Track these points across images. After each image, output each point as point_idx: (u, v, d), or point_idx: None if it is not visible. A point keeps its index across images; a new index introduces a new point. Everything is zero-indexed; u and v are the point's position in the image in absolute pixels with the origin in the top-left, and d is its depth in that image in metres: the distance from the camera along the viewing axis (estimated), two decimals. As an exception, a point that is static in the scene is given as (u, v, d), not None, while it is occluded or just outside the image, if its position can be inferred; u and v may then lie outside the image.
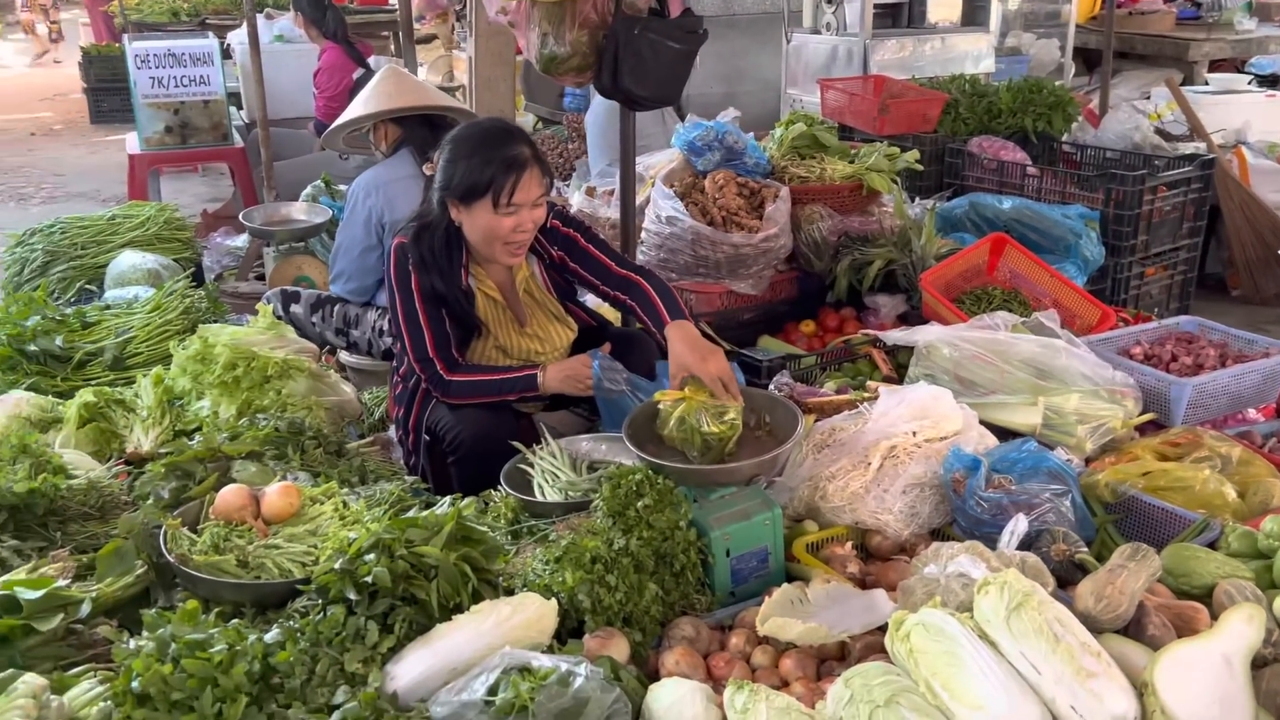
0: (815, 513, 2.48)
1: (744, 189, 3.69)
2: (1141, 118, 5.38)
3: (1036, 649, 1.66)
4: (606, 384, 2.66)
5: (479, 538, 2.01)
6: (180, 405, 2.93)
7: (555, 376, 2.72)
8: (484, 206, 2.59)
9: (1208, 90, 6.23)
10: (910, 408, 2.55)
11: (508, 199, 2.57)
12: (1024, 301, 3.40)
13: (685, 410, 2.35)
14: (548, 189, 2.68)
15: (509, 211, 2.59)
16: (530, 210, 2.63)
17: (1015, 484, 2.35)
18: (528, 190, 2.59)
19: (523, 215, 2.61)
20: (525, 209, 2.61)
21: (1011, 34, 7.11)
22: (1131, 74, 7.65)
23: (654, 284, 2.74)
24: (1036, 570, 1.98)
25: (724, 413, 2.34)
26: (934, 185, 4.46)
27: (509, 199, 2.57)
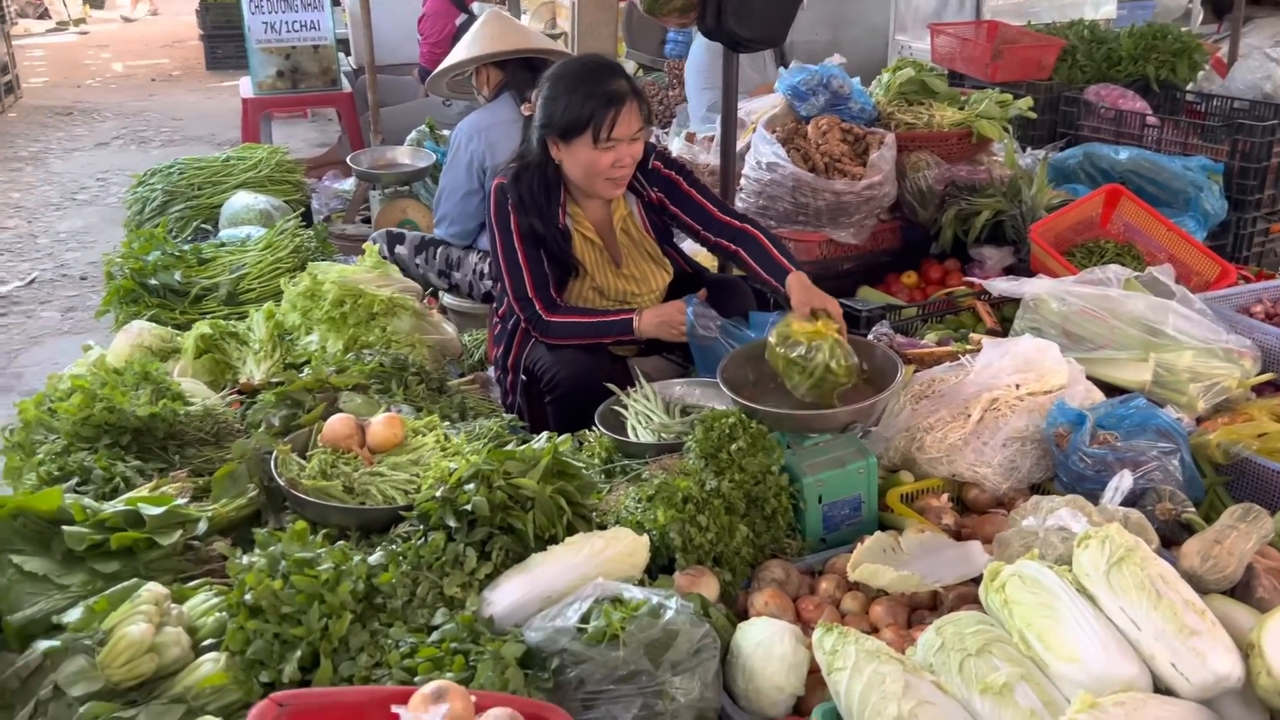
0: (911, 464, 2.45)
1: (848, 135, 3.62)
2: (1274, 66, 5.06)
3: (1137, 605, 1.62)
4: (700, 330, 2.66)
5: (574, 473, 2.05)
6: (290, 339, 3.03)
7: (650, 321, 2.73)
8: (584, 142, 2.61)
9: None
10: (1014, 360, 2.49)
11: (607, 133, 2.58)
12: (1138, 256, 3.27)
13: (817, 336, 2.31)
14: (646, 124, 2.67)
15: (608, 146, 2.60)
16: (629, 145, 2.63)
17: (1121, 441, 2.28)
18: (627, 124, 2.59)
19: (621, 150, 2.62)
20: (624, 144, 2.62)
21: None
22: (1265, 21, 7.24)
23: (763, 233, 2.76)
24: (1140, 527, 1.93)
25: (850, 356, 2.31)
26: (1047, 135, 4.30)
27: (608, 133, 2.58)
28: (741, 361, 2.42)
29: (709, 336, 2.66)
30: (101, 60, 12.03)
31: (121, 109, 9.47)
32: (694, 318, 2.66)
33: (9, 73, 9.79)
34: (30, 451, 2.38)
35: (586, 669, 1.62)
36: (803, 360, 2.28)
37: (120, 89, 10.42)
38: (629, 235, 2.88)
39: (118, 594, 1.77)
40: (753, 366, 2.41)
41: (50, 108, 9.58)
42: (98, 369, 2.62)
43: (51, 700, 1.60)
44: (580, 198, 2.79)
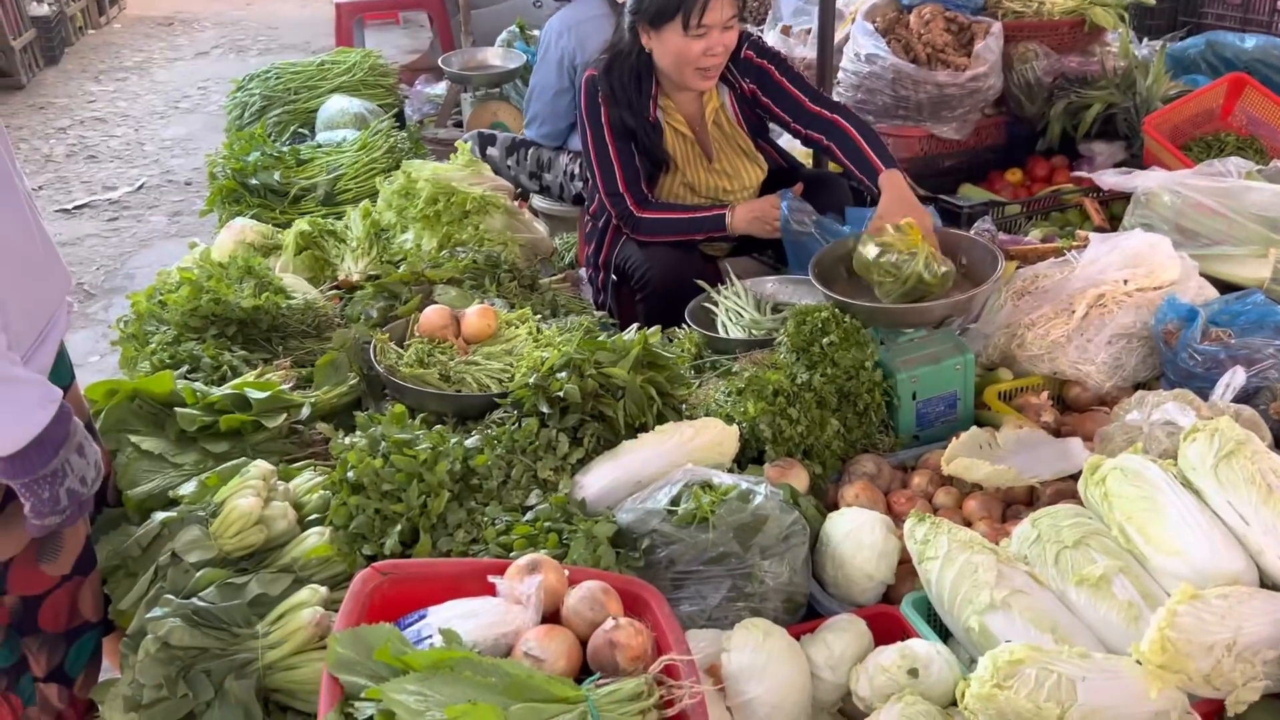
0: (1011, 361, 2.39)
1: (952, 24, 3.46)
2: None
3: (1246, 499, 1.56)
4: (795, 225, 2.61)
5: (664, 364, 2.05)
6: (386, 237, 3.08)
7: (744, 216, 2.69)
8: (674, 29, 2.55)
9: None
10: (1122, 255, 2.39)
11: (698, 20, 2.52)
12: (1261, 150, 3.09)
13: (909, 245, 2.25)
14: (739, 10, 2.59)
15: (699, 33, 2.54)
16: (721, 33, 2.56)
17: (1235, 338, 2.19)
18: (719, 10, 2.53)
19: (713, 38, 2.56)
20: (716, 30, 2.55)
21: None
22: None
23: (857, 126, 2.64)
24: (1253, 423, 1.86)
25: (942, 265, 2.24)
26: (1167, 24, 4.05)
27: (699, 20, 2.52)
28: (835, 257, 2.38)
29: (803, 232, 2.61)
30: (200, -30, 12.16)
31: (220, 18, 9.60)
32: (789, 213, 2.62)
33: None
34: (144, 341, 2.48)
35: (676, 549, 1.64)
36: (894, 269, 2.21)
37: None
38: (721, 129, 2.82)
39: (228, 470, 1.86)
40: (846, 262, 2.36)
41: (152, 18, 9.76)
42: (204, 263, 2.70)
43: (170, 566, 1.70)
44: (672, 90, 2.74)
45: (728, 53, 2.62)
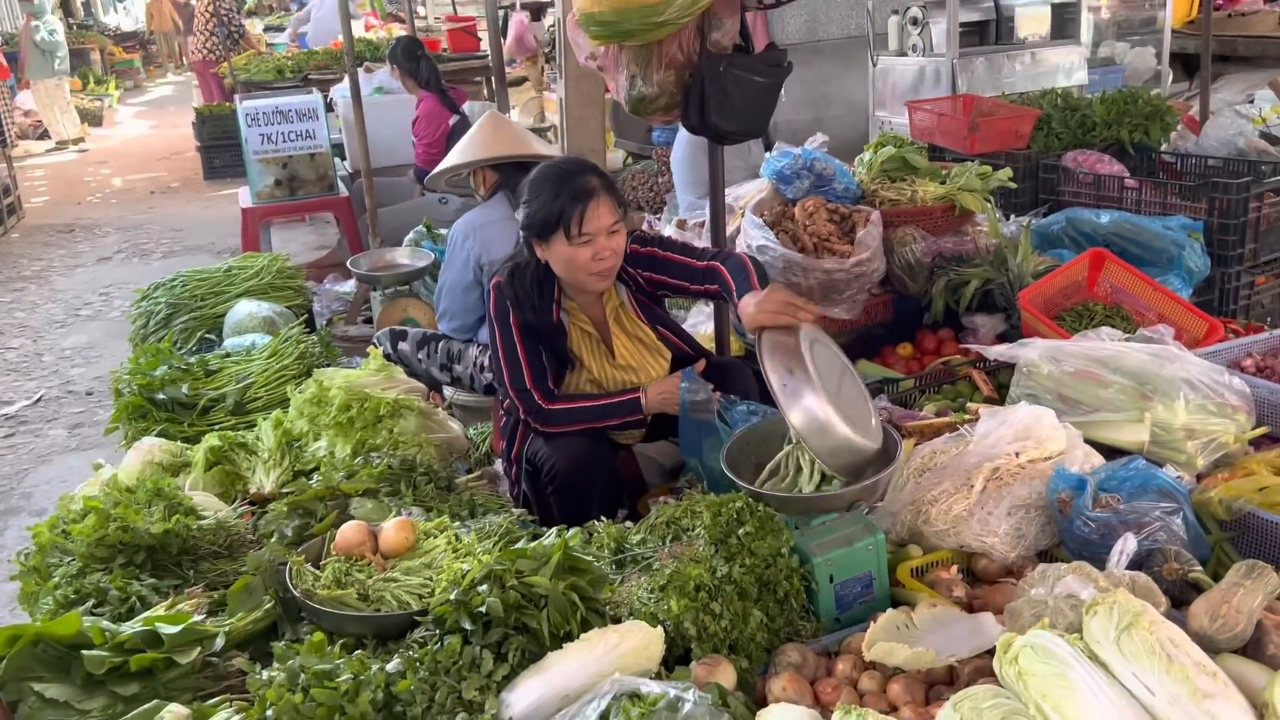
0: (919, 537, 2.47)
1: (834, 215, 3.71)
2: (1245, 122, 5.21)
3: (1149, 669, 1.63)
4: (691, 400, 2.67)
5: (585, 567, 2.07)
6: (299, 446, 3.07)
7: (655, 396, 2.79)
8: (559, 239, 2.69)
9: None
10: (1012, 429, 2.53)
11: (579, 229, 2.66)
12: (1127, 317, 3.33)
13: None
14: (622, 216, 2.74)
15: (583, 241, 2.68)
16: (607, 238, 2.70)
17: (1123, 503, 2.31)
18: (598, 218, 2.67)
19: (599, 243, 2.69)
20: (601, 237, 2.69)
21: (1104, 44, 6.97)
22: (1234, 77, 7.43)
23: (730, 263, 2.74)
24: (1147, 590, 1.95)
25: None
26: (1029, 202, 4.40)
27: (579, 229, 2.66)
28: (743, 445, 2.46)
29: (701, 409, 2.67)
30: (101, 176, 12.28)
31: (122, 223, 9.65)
32: (686, 392, 2.69)
33: (10, 194, 10.00)
34: (46, 575, 2.40)
35: (608, 767, 1.63)
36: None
37: (120, 203, 10.63)
38: (623, 325, 2.94)
39: (138, 717, 1.79)
40: (754, 450, 2.44)
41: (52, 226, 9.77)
42: (110, 488, 2.66)
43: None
44: (573, 293, 2.87)
45: (617, 255, 2.76)
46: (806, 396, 2.20)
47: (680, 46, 2.89)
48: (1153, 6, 7.13)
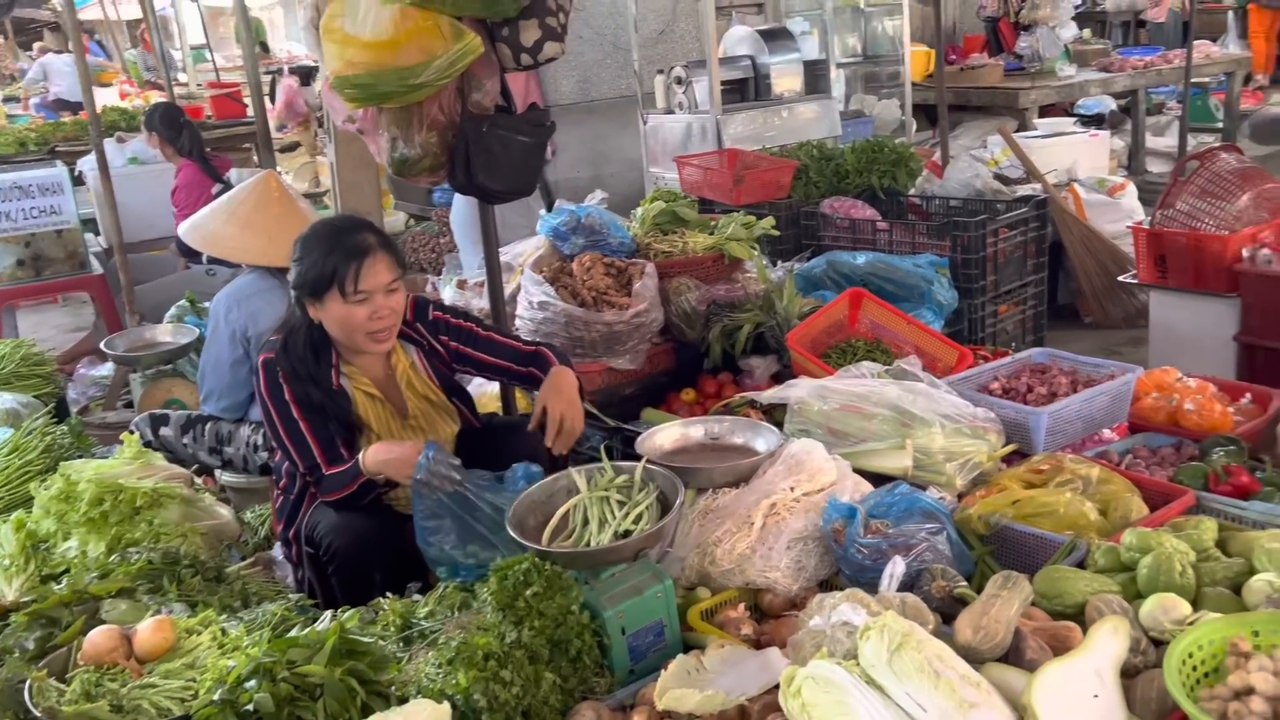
0: (707, 579, 2.50)
1: (611, 268, 3.77)
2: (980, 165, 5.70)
3: (920, 687, 1.70)
4: (432, 470, 2.48)
5: (365, 649, 1.97)
6: (46, 548, 2.80)
7: (376, 457, 2.59)
8: (334, 298, 2.59)
9: (1037, 135, 6.65)
10: (785, 464, 2.62)
11: (354, 287, 2.58)
12: (886, 350, 3.54)
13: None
14: (401, 275, 2.68)
15: (359, 299, 2.59)
16: (385, 297, 2.63)
17: (892, 527, 2.42)
18: (374, 276, 2.59)
19: (377, 302, 2.62)
20: (378, 295, 2.61)
21: (855, 97, 7.49)
22: (971, 124, 8.12)
23: (555, 350, 2.89)
24: (916, 609, 2.04)
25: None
26: (793, 248, 4.63)
27: (355, 287, 2.58)
28: (527, 506, 2.43)
29: (438, 484, 2.49)
30: None
31: None
32: (429, 463, 2.49)
33: None
34: None
35: None
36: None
37: None
38: (413, 387, 2.85)
39: None
40: (536, 511, 2.42)
41: None
42: None
43: None
44: (352, 355, 2.76)
45: (396, 314, 2.69)
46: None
47: (441, 108, 2.87)
48: (895, 63, 7.72)
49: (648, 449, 2.84)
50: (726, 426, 2.95)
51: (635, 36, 6.69)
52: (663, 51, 7.46)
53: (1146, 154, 8.30)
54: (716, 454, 2.88)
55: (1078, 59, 8.50)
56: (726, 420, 3.00)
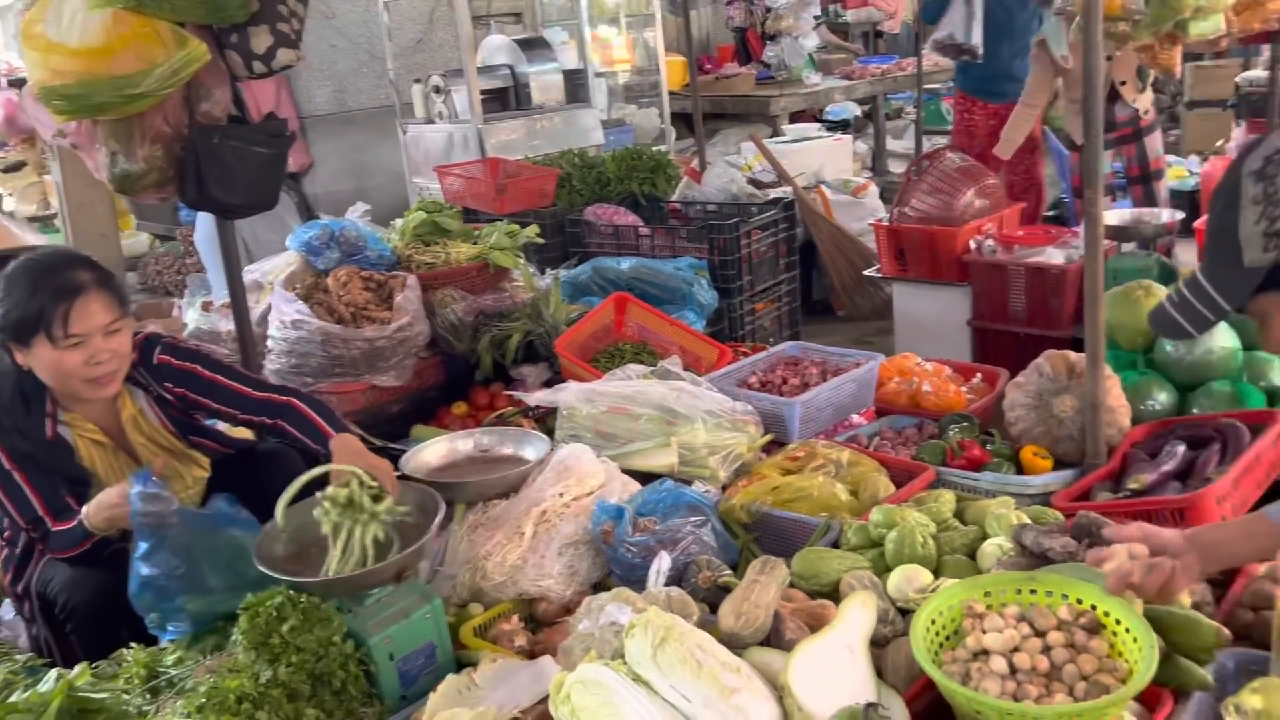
0: (480, 594, 2.46)
1: (370, 282, 3.65)
2: (735, 171, 5.94)
3: (683, 679, 1.73)
4: (143, 509, 2.24)
5: (99, 707, 1.81)
6: None
7: (97, 513, 2.37)
8: (42, 343, 2.33)
9: (787, 140, 6.99)
10: (554, 471, 2.62)
11: (64, 331, 2.32)
12: (652, 352, 3.61)
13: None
14: (123, 314, 2.44)
15: (71, 344, 2.33)
16: (104, 339, 2.38)
17: (659, 524, 2.46)
18: (88, 318, 2.34)
19: (94, 346, 2.36)
20: (95, 338, 2.36)
21: (616, 106, 7.63)
22: (728, 131, 8.44)
23: (307, 401, 2.59)
24: (681, 602, 2.08)
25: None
26: (560, 255, 4.65)
27: (65, 330, 2.32)
28: (275, 536, 2.30)
29: (155, 518, 2.26)
30: None
31: None
32: (139, 501, 2.25)
33: None
34: None
35: None
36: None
37: None
38: (143, 433, 2.61)
39: None
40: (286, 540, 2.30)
41: None
42: None
43: None
44: (71, 402, 2.50)
45: (119, 357, 2.43)
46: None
47: (165, 119, 2.68)
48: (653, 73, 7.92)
49: (414, 467, 2.77)
50: (495, 438, 2.92)
51: (390, 45, 6.54)
52: (421, 61, 7.32)
53: (888, 156, 8.90)
54: (487, 466, 2.85)
55: (822, 68, 9.01)
56: (495, 432, 2.98)
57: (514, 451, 2.83)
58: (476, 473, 2.75)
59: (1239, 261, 1.36)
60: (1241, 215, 1.35)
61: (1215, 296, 1.40)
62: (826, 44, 9.76)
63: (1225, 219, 1.37)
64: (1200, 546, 1.76)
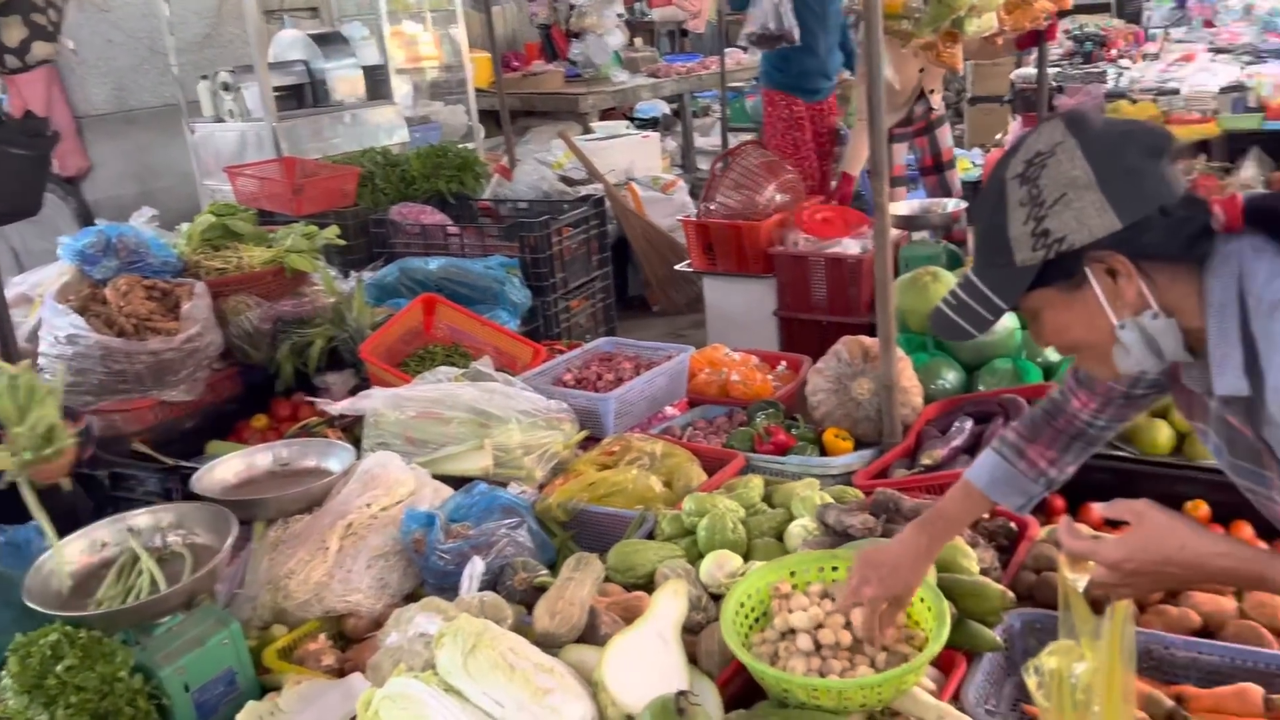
0: (283, 615, 2.34)
1: (154, 291, 3.41)
2: (545, 168, 5.92)
3: (496, 684, 1.70)
4: None
5: None
6: None
7: None
8: None
9: (597, 137, 7.02)
10: (361, 481, 2.52)
11: None
12: (465, 353, 3.53)
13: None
14: None
15: None
16: None
17: (473, 528, 2.41)
18: None
19: None
20: None
21: (421, 103, 7.45)
22: (539, 129, 8.40)
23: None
24: (495, 606, 2.04)
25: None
26: (365, 257, 4.50)
27: None
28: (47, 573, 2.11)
29: None
30: None
31: None
32: None
33: None
34: None
35: None
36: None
37: None
38: None
39: None
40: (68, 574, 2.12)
41: None
42: None
43: None
44: None
45: None
46: None
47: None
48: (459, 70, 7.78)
49: (207, 485, 2.61)
50: (296, 450, 2.79)
51: (172, 40, 6.17)
52: (209, 56, 6.93)
53: (696, 153, 9.08)
54: (288, 481, 2.72)
55: (629, 65, 9.09)
56: (296, 444, 2.84)
57: (317, 464, 2.70)
58: (276, 488, 2.62)
59: (1011, 262, 1.38)
60: (1010, 217, 1.38)
61: (991, 297, 1.42)
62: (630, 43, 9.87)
63: (994, 221, 1.40)
64: (929, 522, 1.83)
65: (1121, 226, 1.31)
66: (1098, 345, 1.42)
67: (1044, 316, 1.45)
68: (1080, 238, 1.33)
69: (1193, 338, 1.38)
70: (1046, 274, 1.37)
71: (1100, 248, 1.33)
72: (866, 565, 1.81)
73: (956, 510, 1.82)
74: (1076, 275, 1.37)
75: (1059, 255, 1.34)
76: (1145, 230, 1.32)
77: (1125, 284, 1.35)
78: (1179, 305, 1.36)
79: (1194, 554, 1.37)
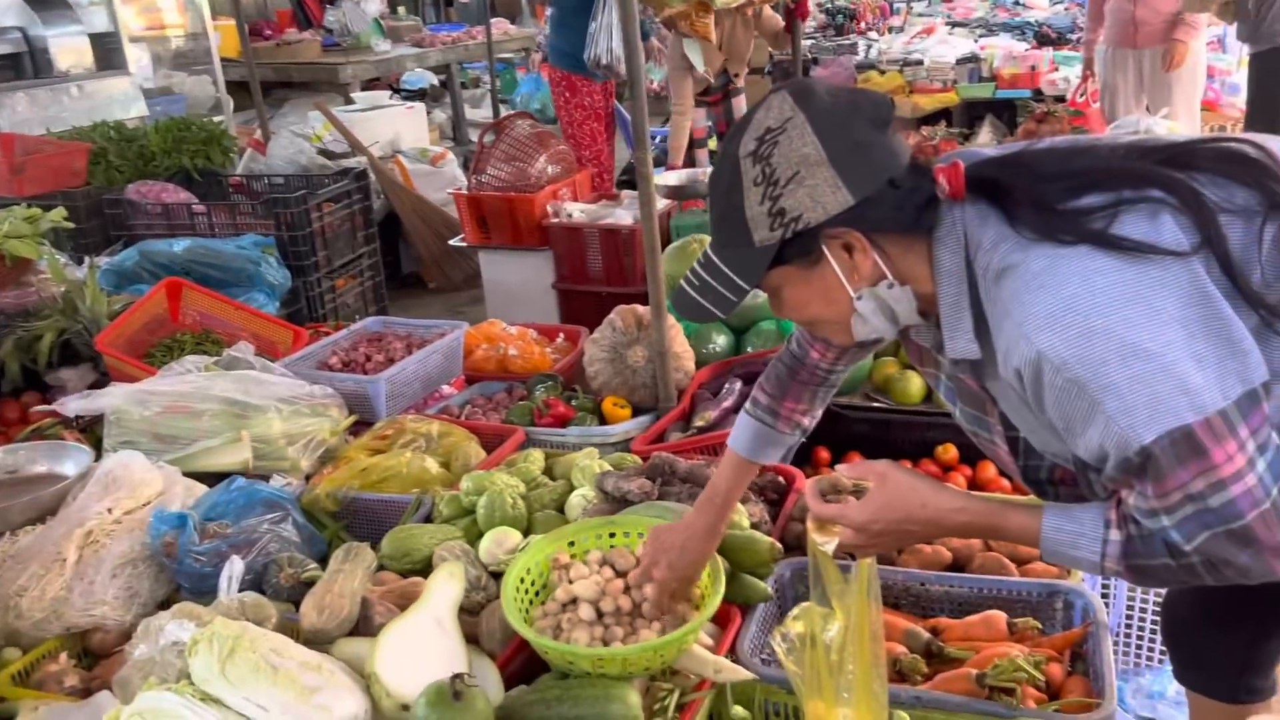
0: (16, 636, 2.11)
1: None
2: (303, 141, 5.62)
3: (258, 688, 1.58)
4: None
5: None
6: None
7: None
8: None
9: (357, 108, 6.72)
10: (100, 484, 2.31)
11: None
12: (218, 341, 3.30)
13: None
14: None
15: None
16: None
17: (232, 526, 2.25)
18: None
19: None
20: None
21: (162, 73, 6.90)
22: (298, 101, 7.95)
23: None
24: (256, 607, 1.92)
25: None
26: (102, 240, 4.12)
27: None
28: None
29: None
30: None
31: None
32: None
33: None
34: None
35: None
36: None
37: None
38: None
39: None
40: None
41: None
42: None
43: None
44: None
45: None
46: None
47: None
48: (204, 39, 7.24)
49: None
50: (23, 455, 2.53)
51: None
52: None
53: (468, 125, 8.89)
54: (15, 489, 2.45)
55: (391, 34, 8.76)
56: (23, 448, 2.57)
57: (48, 469, 2.46)
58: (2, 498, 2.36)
59: (750, 242, 1.36)
60: (746, 197, 1.35)
61: (733, 277, 1.39)
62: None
63: (731, 200, 1.36)
64: (708, 501, 1.85)
65: (854, 202, 1.31)
66: (837, 317, 1.43)
67: (784, 293, 1.43)
68: (815, 216, 1.32)
69: (925, 301, 1.41)
70: (784, 252, 1.36)
71: (835, 224, 1.33)
72: (657, 547, 1.81)
73: (728, 483, 1.84)
74: (814, 253, 1.36)
75: (795, 234, 1.34)
76: (877, 204, 1.32)
77: (861, 258, 1.36)
78: (911, 273, 1.39)
79: (934, 511, 1.42)
